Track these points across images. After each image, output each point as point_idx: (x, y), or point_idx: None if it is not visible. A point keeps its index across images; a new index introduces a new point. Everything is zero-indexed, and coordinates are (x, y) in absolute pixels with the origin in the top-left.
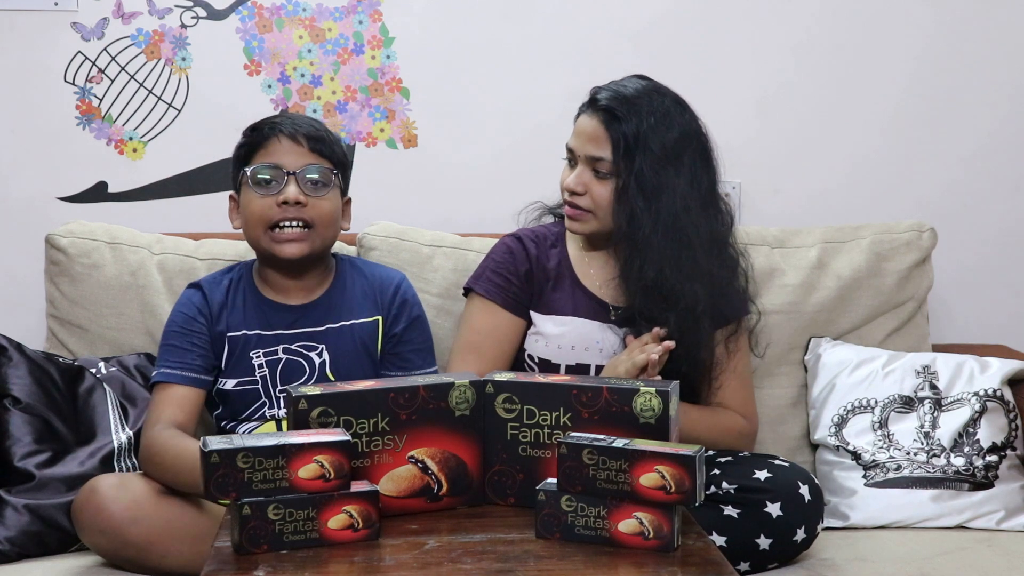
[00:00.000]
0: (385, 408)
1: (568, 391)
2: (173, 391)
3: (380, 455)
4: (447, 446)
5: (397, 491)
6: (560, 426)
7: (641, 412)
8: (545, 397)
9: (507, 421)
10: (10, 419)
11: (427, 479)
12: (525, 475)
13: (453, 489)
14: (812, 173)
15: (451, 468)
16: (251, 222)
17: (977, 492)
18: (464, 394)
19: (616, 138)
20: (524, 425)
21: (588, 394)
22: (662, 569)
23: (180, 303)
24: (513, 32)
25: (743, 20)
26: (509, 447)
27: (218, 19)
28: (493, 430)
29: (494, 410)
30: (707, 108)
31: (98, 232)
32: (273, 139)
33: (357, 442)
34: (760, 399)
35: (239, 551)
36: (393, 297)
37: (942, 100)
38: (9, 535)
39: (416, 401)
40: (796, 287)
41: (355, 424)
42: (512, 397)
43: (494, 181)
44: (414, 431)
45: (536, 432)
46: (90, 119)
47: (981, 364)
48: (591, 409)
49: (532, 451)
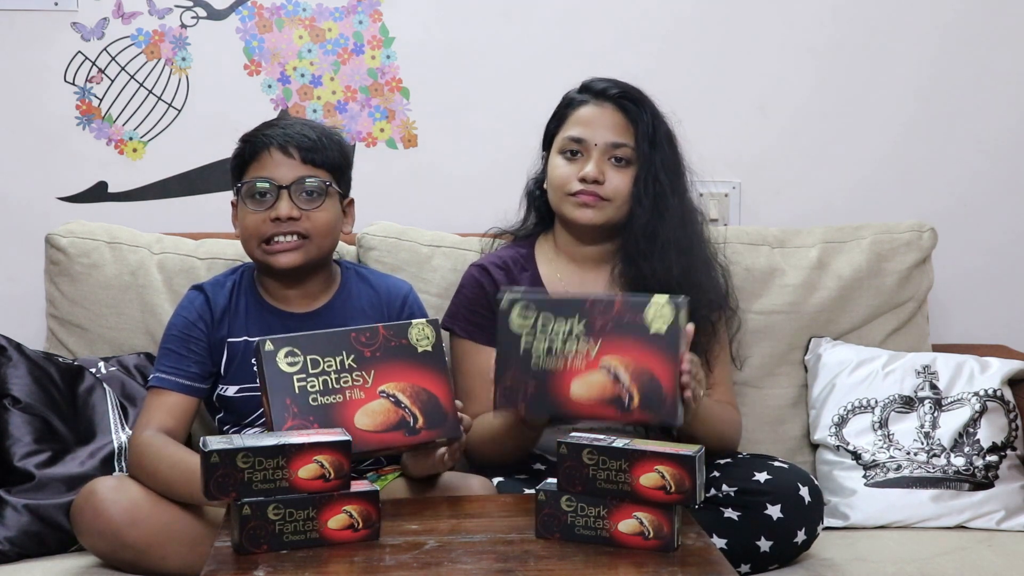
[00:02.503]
0: (348, 346)
1: (583, 302)
2: (167, 397)
3: (351, 391)
4: (416, 380)
5: (374, 425)
6: (574, 335)
7: (652, 322)
8: (561, 307)
9: (521, 334)
10: (10, 419)
11: (401, 412)
12: (537, 385)
13: (429, 422)
14: (812, 173)
15: (423, 401)
16: (245, 236)
17: (977, 492)
18: (423, 331)
19: (637, 126)
20: (538, 336)
21: (602, 305)
22: (662, 569)
23: (182, 306)
24: (513, 32)
25: (743, 21)
26: (523, 359)
27: (218, 19)
28: (507, 341)
29: (508, 324)
30: (707, 108)
31: (98, 232)
32: (264, 152)
33: (326, 379)
34: (760, 399)
35: (239, 551)
36: (401, 309)
37: (942, 101)
38: (9, 535)
39: (377, 339)
40: (796, 287)
41: (322, 362)
42: (529, 305)
43: (494, 181)
44: (381, 367)
45: (551, 342)
46: (90, 119)
47: (981, 364)
48: (604, 318)
49: (546, 361)
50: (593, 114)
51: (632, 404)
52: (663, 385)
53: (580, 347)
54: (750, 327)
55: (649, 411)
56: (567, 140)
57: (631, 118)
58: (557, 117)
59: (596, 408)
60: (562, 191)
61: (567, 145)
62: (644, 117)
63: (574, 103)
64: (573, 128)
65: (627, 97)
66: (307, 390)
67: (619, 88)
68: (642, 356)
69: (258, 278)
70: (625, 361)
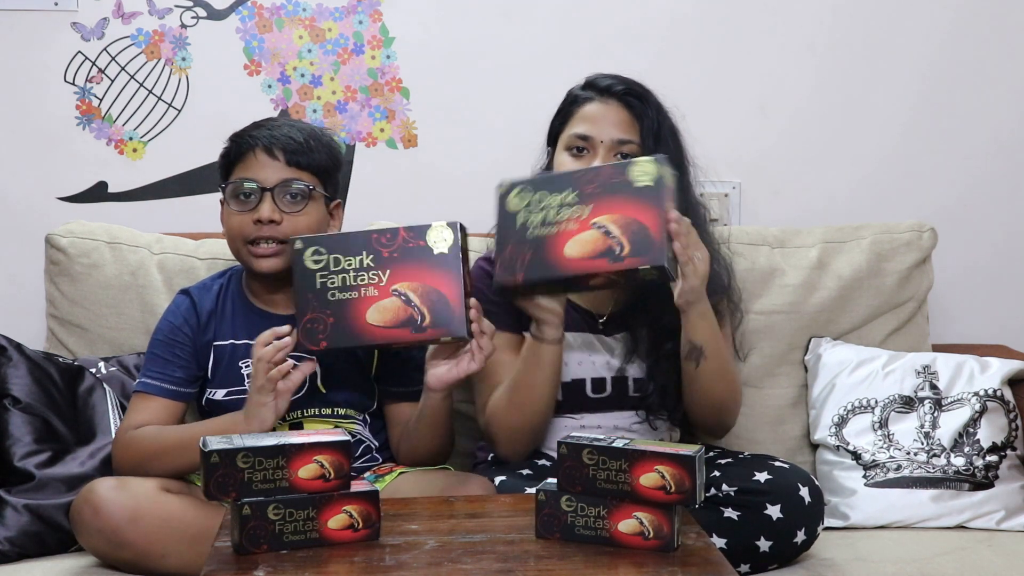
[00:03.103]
0: (369, 246)
1: (572, 174)
2: (151, 401)
3: (366, 288)
4: (428, 281)
5: (383, 321)
6: (567, 204)
7: (637, 178)
8: (554, 183)
9: (518, 211)
10: (10, 419)
11: (410, 311)
12: (534, 251)
13: (435, 321)
14: (812, 173)
15: (432, 301)
16: (229, 236)
17: (977, 492)
18: (441, 233)
19: (642, 122)
20: (534, 211)
21: (591, 173)
22: (662, 569)
23: (168, 311)
24: (513, 32)
25: (743, 20)
26: (519, 232)
27: (218, 19)
28: (504, 221)
29: (506, 206)
30: (707, 108)
31: (98, 232)
32: (250, 153)
33: (345, 276)
34: (760, 399)
35: (239, 551)
36: None
37: (943, 101)
38: (9, 535)
39: (397, 240)
40: (796, 287)
41: (343, 260)
42: (525, 188)
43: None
44: (397, 267)
45: (545, 213)
46: (90, 119)
47: (981, 364)
48: (594, 184)
49: (541, 230)
50: (598, 111)
51: (623, 252)
52: (651, 231)
53: (573, 213)
54: (750, 327)
55: (639, 255)
56: (573, 137)
57: (636, 114)
58: (562, 114)
59: (589, 263)
60: None
61: (573, 142)
62: (649, 113)
63: (579, 100)
64: (579, 125)
65: (632, 93)
66: (327, 286)
67: (624, 84)
68: (630, 209)
69: (245, 281)
70: (615, 217)
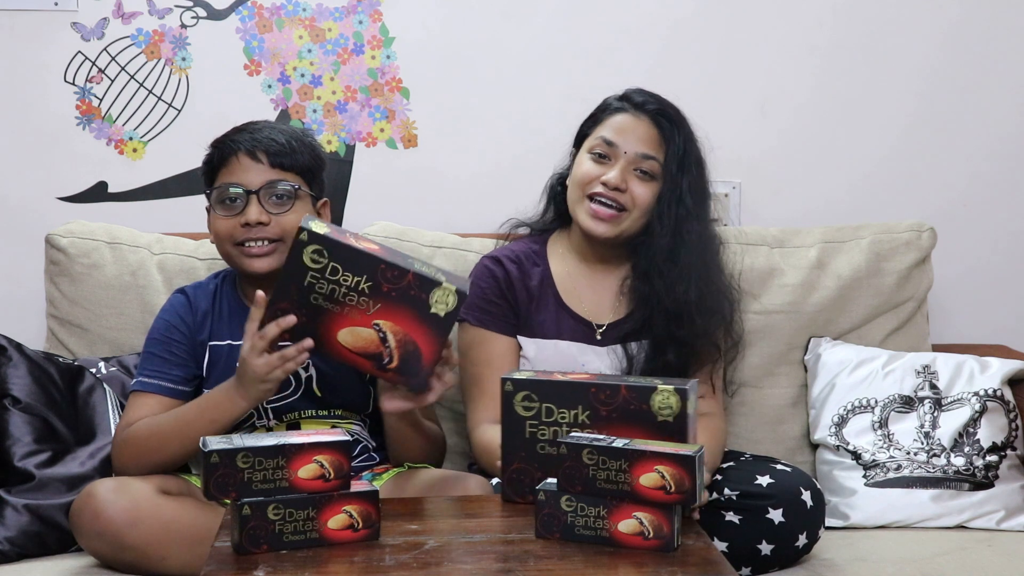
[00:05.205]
0: (371, 274)
1: (587, 389)
2: (149, 399)
3: (350, 309)
4: (411, 332)
5: (353, 345)
6: (579, 424)
7: (659, 410)
8: (564, 395)
9: (526, 419)
10: (10, 419)
11: (382, 349)
12: (543, 473)
13: (401, 368)
14: (812, 173)
15: (407, 351)
16: (218, 241)
17: (977, 492)
18: (445, 296)
19: (669, 145)
20: (543, 423)
21: (607, 392)
22: (662, 569)
23: (164, 309)
24: (513, 32)
25: (743, 21)
26: (528, 445)
27: (218, 19)
28: (512, 428)
29: (513, 408)
30: (708, 108)
31: (98, 232)
32: (232, 157)
33: (335, 288)
34: (760, 399)
35: (239, 551)
36: None
37: (942, 101)
38: (9, 535)
39: (401, 282)
40: (796, 287)
41: (341, 273)
42: (531, 395)
43: (494, 181)
44: (388, 305)
45: (555, 430)
46: (90, 119)
47: (981, 364)
48: (609, 407)
49: (551, 449)
50: (628, 123)
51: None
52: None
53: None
54: (750, 327)
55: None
56: (598, 140)
57: (665, 135)
58: (593, 118)
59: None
60: (582, 189)
61: (597, 145)
62: (677, 138)
63: (611, 108)
64: (607, 130)
65: (664, 115)
66: (314, 288)
67: (658, 104)
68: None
69: (240, 282)
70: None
